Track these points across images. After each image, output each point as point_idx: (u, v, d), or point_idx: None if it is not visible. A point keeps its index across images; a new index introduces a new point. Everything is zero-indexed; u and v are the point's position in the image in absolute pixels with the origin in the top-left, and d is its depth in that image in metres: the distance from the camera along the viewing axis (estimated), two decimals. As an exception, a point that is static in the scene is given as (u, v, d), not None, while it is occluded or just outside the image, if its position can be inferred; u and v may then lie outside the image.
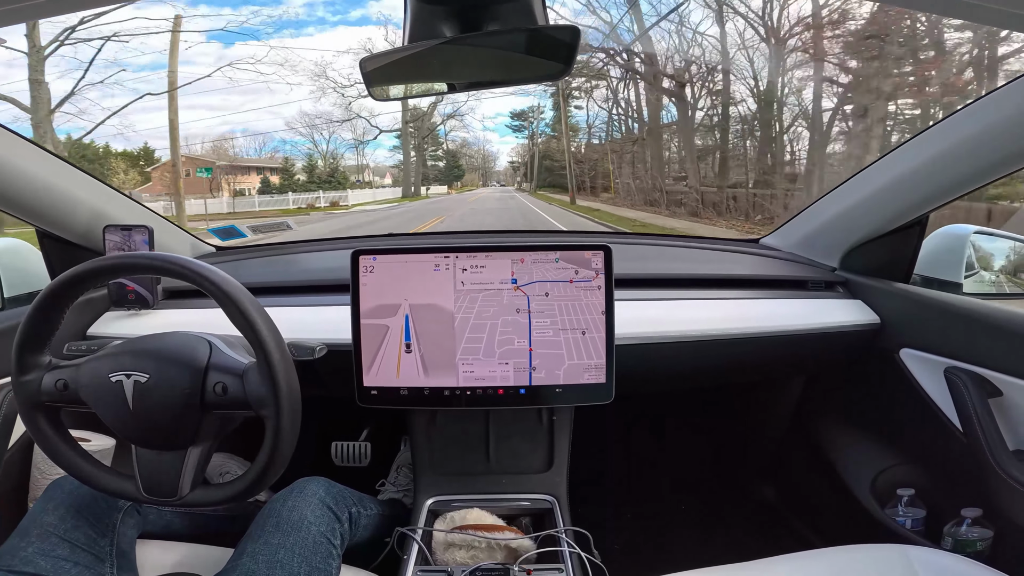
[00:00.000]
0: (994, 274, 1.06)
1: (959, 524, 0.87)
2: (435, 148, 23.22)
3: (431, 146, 23.03)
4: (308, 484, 0.79)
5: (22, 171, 0.86)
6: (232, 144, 17.51)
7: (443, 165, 23.57)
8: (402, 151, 21.66)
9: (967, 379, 0.84)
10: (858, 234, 1.04)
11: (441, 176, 23.36)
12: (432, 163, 23.18)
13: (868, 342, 1.01)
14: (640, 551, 1.24)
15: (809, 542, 1.18)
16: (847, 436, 1.15)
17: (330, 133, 18.64)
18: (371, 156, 20.74)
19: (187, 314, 1.01)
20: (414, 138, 21.84)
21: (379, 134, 19.98)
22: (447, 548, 0.81)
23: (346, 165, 19.52)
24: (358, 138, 19.46)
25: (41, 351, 0.65)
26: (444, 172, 23.39)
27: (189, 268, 0.61)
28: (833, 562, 0.74)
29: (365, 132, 20.07)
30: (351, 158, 19.92)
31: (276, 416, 0.60)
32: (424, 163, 22.16)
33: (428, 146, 22.91)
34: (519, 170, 27.03)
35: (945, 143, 0.81)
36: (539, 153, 22.96)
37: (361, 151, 20.21)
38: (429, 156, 23.04)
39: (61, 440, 0.66)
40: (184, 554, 0.79)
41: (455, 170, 23.95)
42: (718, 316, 0.98)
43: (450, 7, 0.52)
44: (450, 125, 22.86)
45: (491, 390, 0.84)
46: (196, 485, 0.65)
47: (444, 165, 23.64)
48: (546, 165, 22.46)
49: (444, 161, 23.62)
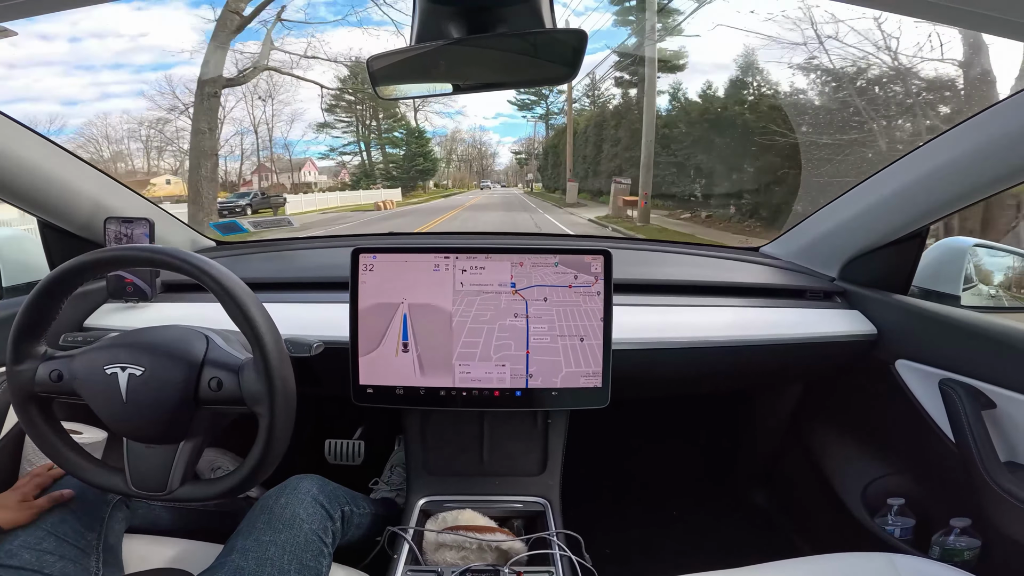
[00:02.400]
0: (993, 287, 1.06)
1: (947, 533, 0.87)
2: (391, 127, 16.05)
3: (387, 122, 16.02)
4: (301, 482, 0.79)
5: (24, 161, 0.86)
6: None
7: (402, 155, 16.34)
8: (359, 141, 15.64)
9: (961, 391, 0.85)
10: (858, 245, 1.05)
11: (402, 170, 16.54)
12: (393, 151, 16.50)
13: (864, 352, 1.01)
14: (631, 555, 1.24)
15: (799, 549, 1.18)
16: (840, 444, 1.15)
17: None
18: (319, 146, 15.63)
19: (185, 308, 1.00)
20: (360, 113, 15.74)
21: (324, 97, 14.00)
22: (438, 548, 0.80)
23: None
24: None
25: (37, 341, 0.64)
26: (402, 164, 16.38)
27: (188, 262, 0.61)
28: (821, 569, 0.75)
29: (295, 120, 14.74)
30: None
31: (270, 413, 0.60)
32: (380, 153, 15.75)
33: (382, 122, 16.05)
34: (526, 165, 21.88)
35: (946, 156, 0.82)
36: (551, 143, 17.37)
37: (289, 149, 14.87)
38: (384, 140, 16.30)
39: (52, 431, 0.66)
40: (172, 549, 0.79)
41: (421, 163, 16.87)
42: (716, 323, 0.98)
43: (458, 8, 0.52)
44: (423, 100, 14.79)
45: (487, 392, 0.84)
46: (186, 480, 0.64)
47: (403, 155, 16.40)
48: (562, 158, 17.08)
49: (405, 147, 16.40)
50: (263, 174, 16.57)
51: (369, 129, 17.05)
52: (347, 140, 17.16)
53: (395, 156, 17.58)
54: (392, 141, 17.44)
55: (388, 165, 17.44)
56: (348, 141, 17.09)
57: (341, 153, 17.28)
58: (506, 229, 10.13)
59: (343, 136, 17.17)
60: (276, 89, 15.34)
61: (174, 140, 14.79)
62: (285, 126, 16.48)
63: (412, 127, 17.81)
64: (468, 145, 21.78)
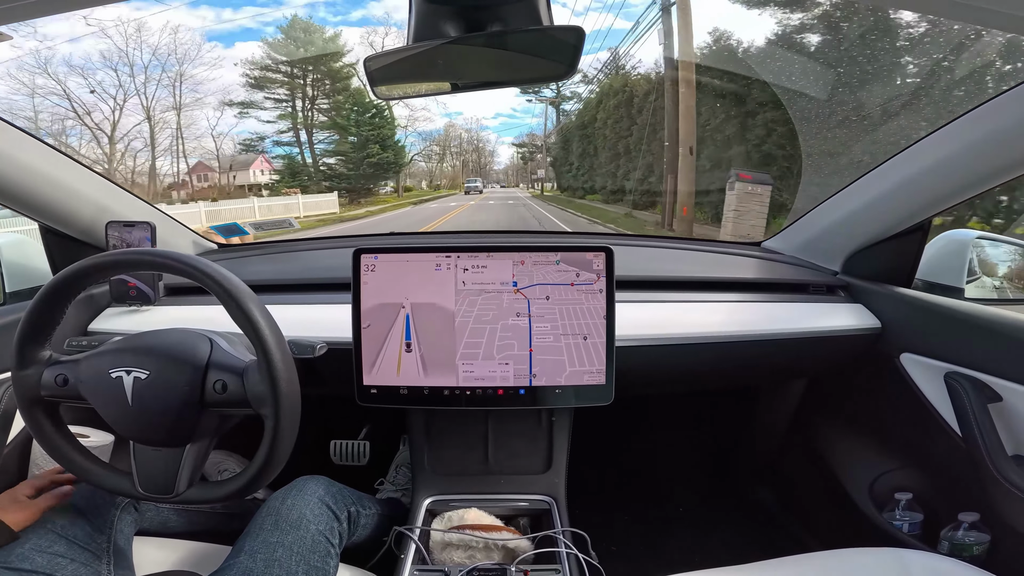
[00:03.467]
0: (996, 279, 1.05)
1: (956, 528, 0.87)
2: (338, 105, 10.68)
3: (330, 100, 10.62)
4: (307, 483, 0.79)
5: (26, 166, 0.86)
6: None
7: (351, 145, 10.73)
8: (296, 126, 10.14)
9: (967, 384, 0.84)
10: (860, 238, 1.04)
11: (352, 165, 11.11)
12: (343, 144, 10.84)
13: (869, 346, 1.01)
14: (638, 552, 1.24)
15: (806, 545, 1.18)
16: (846, 440, 1.15)
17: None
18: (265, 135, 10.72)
19: (188, 311, 1.00)
20: (298, 86, 10.27)
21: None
22: (444, 548, 0.81)
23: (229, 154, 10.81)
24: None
25: (42, 346, 0.65)
26: (352, 157, 11.00)
27: (191, 265, 0.61)
28: (829, 565, 0.74)
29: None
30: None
31: (275, 415, 0.60)
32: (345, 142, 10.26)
33: (321, 98, 10.56)
34: (531, 161, 17.06)
35: (948, 148, 0.81)
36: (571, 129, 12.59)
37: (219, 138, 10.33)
38: (325, 123, 10.77)
39: (59, 436, 0.66)
40: (181, 551, 0.79)
41: (377, 152, 11.16)
42: (719, 319, 0.98)
43: (454, 7, 0.52)
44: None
45: (491, 390, 0.84)
46: (193, 482, 0.65)
47: (354, 144, 10.80)
48: (576, 154, 13.33)
49: (355, 132, 10.66)
50: (201, 174, 13.19)
51: (311, 104, 10.89)
52: (284, 127, 11.43)
53: (343, 146, 11.59)
54: (338, 124, 11.27)
55: (334, 159, 11.28)
56: (284, 128, 11.68)
57: (276, 143, 12.03)
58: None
59: (279, 122, 11.43)
60: (185, 57, 9.81)
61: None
62: (211, 112, 11.22)
63: (367, 101, 11.76)
64: (464, 142, 17.69)
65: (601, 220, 10.95)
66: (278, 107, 11.90)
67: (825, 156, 6.05)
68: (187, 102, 12.54)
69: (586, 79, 14.69)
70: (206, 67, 13.03)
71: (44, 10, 0.44)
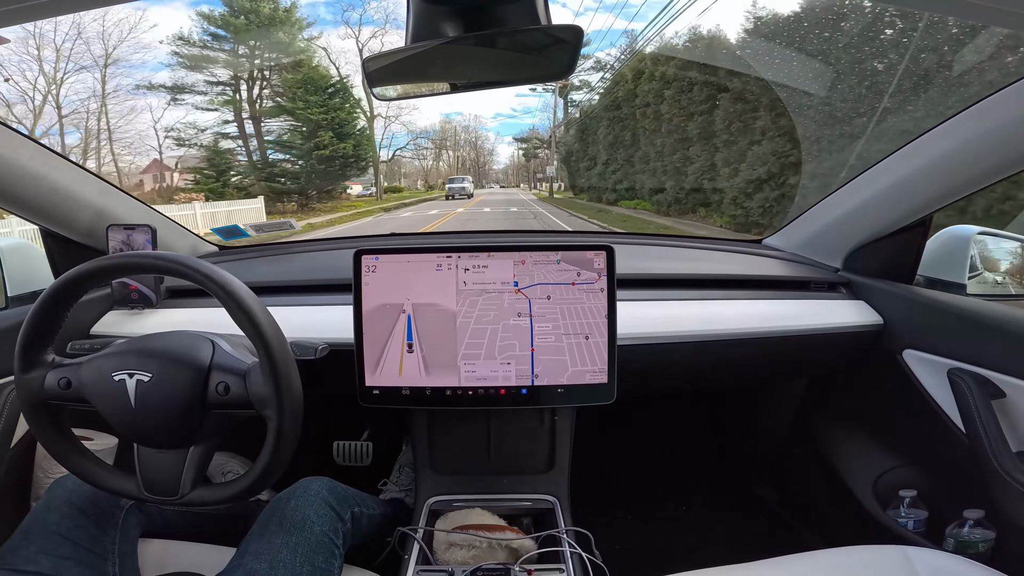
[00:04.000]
0: (998, 275, 1.05)
1: (961, 525, 0.87)
2: (289, 84, 8.07)
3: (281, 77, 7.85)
4: (311, 484, 0.79)
5: (26, 170, 0.87)
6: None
7: (300, 136, 8.01)
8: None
9: (970, 380, 0.84)
10: (861, 235, 1.04)
11: (299, 154, 8.28)
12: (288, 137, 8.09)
13: (871, 343, 1.01)
14: (641, 551, 1.24)
15: (810, 543, 1.17)
16: (849, 437, 1.15)
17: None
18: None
19: (190, 313, 1.01)
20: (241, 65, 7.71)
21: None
22: (448, 548, 0.81)
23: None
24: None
25: (44, 349, 0.65)
26: (298, 148, 8.17)
27: (192, 267, 0.61)
28: (834, 563, 0.74)
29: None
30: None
31: (278, 416, 0.61)
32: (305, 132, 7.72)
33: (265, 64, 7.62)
34: (533, 159, 14.47)
35: (948, 144, 0.81)
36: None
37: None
38: (269, 108, 8.18)
39: (63, 438, 0.66)
40: (186, 553, 0.79)
41: (327, 142, 8.18)
42: (720, 316, 0.98)
43: (452, 7, 0.52)
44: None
45: (493, 390, 0.84)
46: (197, 484, 0.65)
47: (302, 133, 8.02)
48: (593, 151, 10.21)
49: (303, 116, 7.84)
50: (158, 173, 11.08)
51: (257, 83, 7.58)
52: (228, 116, 8.59)
53: (294, 137, 8.60)
54: (285, 108, 8.16)
55: (285, 153, 7.83)
56: (227, 119, 8.71)
57: (219, 136, 8.86)
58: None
59: (223, 110, 8.44)
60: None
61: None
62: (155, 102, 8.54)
63: (326, 79, 8.85)
64: (462, 141, 15.60)
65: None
66: (217, 92, 9.05)
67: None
68: (114, 90, 10.16)
69: (598, 65, 12.07)
70: (141, 49, 10.37)
71: (44, 11, 0.44)
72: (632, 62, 10.62)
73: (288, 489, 0.78)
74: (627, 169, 11.24)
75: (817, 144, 5.89)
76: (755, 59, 7.06)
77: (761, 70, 6.89)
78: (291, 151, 9.32)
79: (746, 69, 7.13)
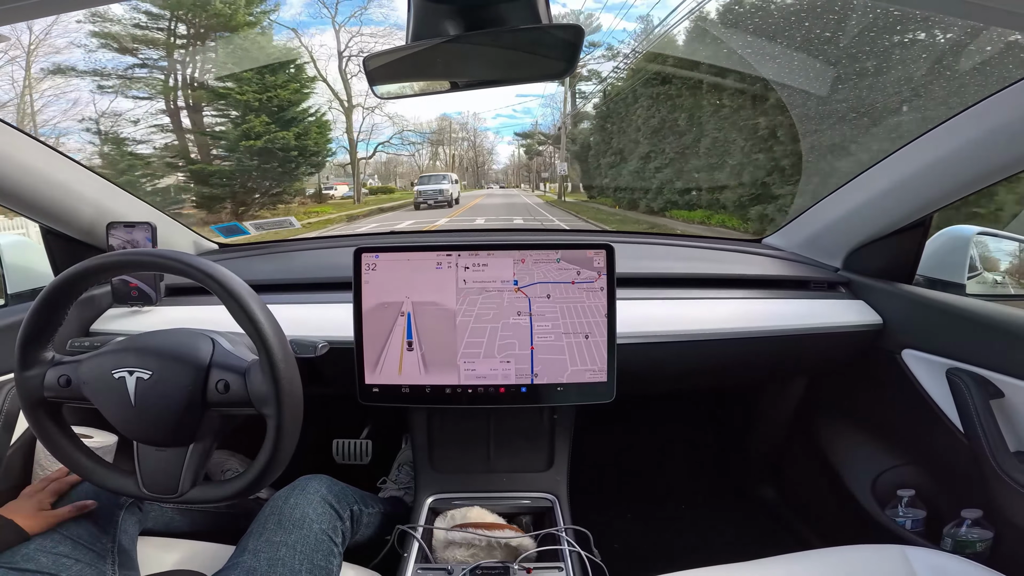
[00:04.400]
0: (997, 275, 1.05)
1: (959, 525, 0.87)
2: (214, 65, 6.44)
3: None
4: (310, 482, 0.79)
5: (27, 167, 0.86)
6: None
7: (233, 122, 6.75)
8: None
9: (969, 380, 0.84)
10: (861, 235, 1.04)
11: (231, 160, 6.78)
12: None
13: (870, 343, 1.01)
14: (640, 550, 1.24)
15: (809, 542, 1.18)
16: (848, 437, 1.15)
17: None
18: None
19: (190, 311, 1.01)
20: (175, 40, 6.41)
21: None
22: (447, 546, 0.81)
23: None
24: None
25: (44, 347, 0.65)
26: (233, 137, 6.51)
27: (192, 265, 0.61)
28: (832, 562, 0.74)
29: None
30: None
31: (278, 414, 0.61)
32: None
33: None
34: (536, 156, 12.93)
35: (949, 144, 0.81)
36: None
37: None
38: (203, 92, 6.67)
39: (63, 436, 0.66)
40: (185, 551, 0.80)
41: (257, 128, 6.71)
42: (720, 315, 0.98)
43: (453, 6, 0.52)
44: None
45: (492, 388, 0.84)
46: (197, 482, 0.65)
47: (234, 120, 6.75)
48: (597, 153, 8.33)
49: (241, 97, 6.47)
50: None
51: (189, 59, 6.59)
52: (161, 106, 7.43)
53: (227, 132, 7.43)
54: (218, 92, 7.14)
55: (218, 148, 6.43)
56: (160, 108, 7.40)
57: (157, 128, 7.52)
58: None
59: (157, 99, 7.41)
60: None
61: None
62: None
63: (261, 48, 7.44)
64: (460, 139, 14.33)
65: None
66: (145, 76, 7.46)
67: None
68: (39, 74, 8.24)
69: (610, 52, 9.99)
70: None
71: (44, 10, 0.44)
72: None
73: (287, 487, 0.79)
74: (679, 164, 7.93)
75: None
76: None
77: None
78: (221, 143, 7.36)
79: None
